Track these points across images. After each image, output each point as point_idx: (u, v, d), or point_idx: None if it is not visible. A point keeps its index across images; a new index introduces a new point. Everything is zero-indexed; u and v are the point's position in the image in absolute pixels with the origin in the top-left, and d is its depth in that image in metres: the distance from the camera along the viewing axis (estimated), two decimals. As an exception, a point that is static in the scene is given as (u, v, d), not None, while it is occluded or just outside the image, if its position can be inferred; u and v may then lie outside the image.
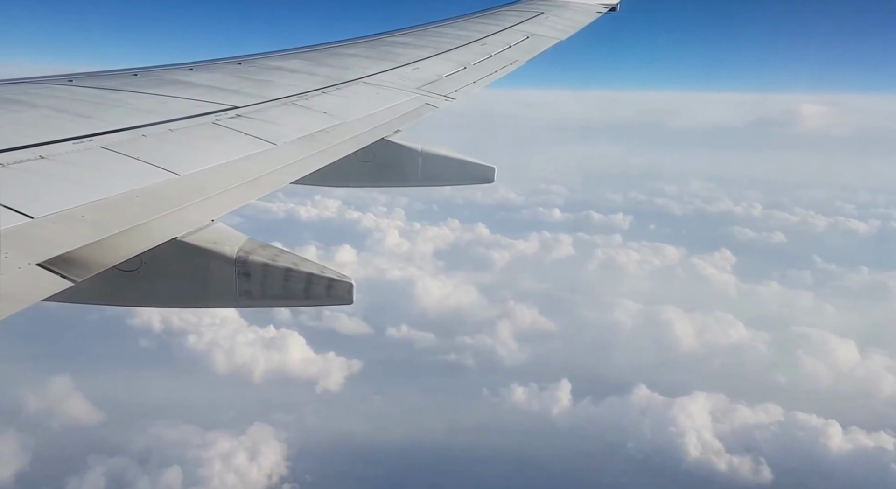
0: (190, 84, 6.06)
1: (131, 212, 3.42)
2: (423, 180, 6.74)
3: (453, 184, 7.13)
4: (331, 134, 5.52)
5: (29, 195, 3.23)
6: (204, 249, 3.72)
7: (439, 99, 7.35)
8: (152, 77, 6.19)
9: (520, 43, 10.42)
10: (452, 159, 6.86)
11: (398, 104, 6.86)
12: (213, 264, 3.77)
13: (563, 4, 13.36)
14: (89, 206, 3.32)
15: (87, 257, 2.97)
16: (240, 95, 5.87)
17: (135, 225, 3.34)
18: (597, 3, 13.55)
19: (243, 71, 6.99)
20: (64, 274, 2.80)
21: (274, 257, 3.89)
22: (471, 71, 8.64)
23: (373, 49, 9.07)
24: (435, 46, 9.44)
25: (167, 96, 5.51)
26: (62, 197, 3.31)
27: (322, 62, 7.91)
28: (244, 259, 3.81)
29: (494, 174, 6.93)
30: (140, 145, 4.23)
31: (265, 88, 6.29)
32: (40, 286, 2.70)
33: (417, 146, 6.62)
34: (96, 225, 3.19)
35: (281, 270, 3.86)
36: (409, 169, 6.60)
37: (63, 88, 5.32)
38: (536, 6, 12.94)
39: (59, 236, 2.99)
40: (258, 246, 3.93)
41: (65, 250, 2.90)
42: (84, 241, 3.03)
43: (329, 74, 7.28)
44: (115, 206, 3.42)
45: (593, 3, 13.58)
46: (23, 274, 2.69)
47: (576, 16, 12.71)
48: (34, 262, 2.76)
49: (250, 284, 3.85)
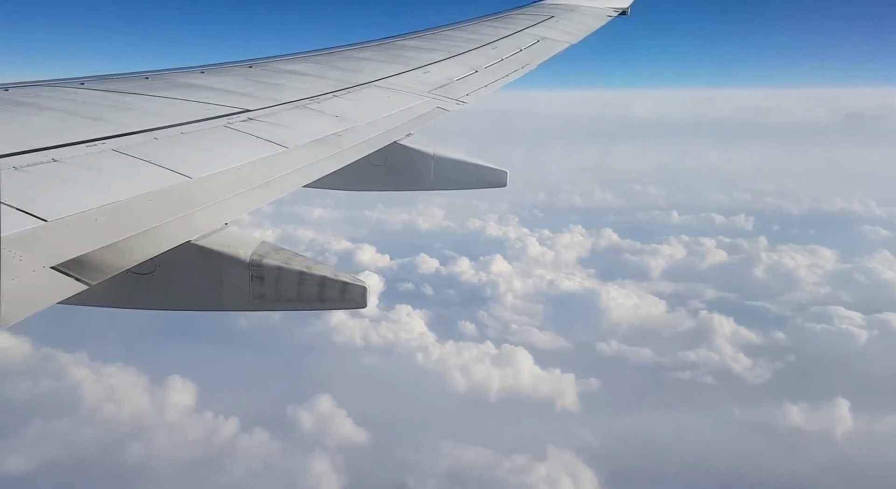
0: (202, 87, 6.05)
1: (144, 215, 3.40)
2: (436, 184, 6.72)
3: (465, 187, 7.10)
4: (343, 137, 5.49)
5: (42, 198, 3.21)
6: (217, 252, 3.70)
7: (451, 102, 7.33)
8: (164, 80, 6.18)
9: (531, 46, 10.39)
10: (465, 163, 6.84)
11: (410, 108, 6.83)
12: (226, 267, 3.75)
13: (574, 8, 13.33)
14: (102, 208, 3.30)
15: (101, 260, 2.95)
16: (251, 99, 5.86)
17: (148, 228, 3.32)
18: (607, 7, 13.52)
19: (255, 74, 6.98)
20: (78, 277, 2.78)
21: (287, 260, 3.87)
22: (482, 74, 8.61)
23: (384, 52, 9.06)
24: (446, 50, 9.42)
25: (179, 99, 5.50)
26: (75, 200, 3.29)
27: (333, 65, 7.90)
28: (258, 262, 3.79)
29: (507, 178, 6.91)
30: (152, 148, 4.22)
31: (277, 92, 6.27)
32: (55, 289, 2.68)
33: (430, 150, 6.60)
34: (110, 228, 3.17)
35: (295, 274, 3.83)
36: (421, 172, 6.58)
37: (75, 91, 5.31)
38: (547, 10, 12.92)
39: (72, 239, 2.97)
40: (272, 249, 3.91)
41: (79, 253, 2.88)
42: (98, 243, 3.01)
43: (340, 78, 7.26)
44: (128, 209, 3.40)
45: (604, 6, 13.55)
46: (37, 277, 2.66)
47: (586, 19, 12.67)
48: (48, 265, 2.74)
49: (264, 287, 3.83)
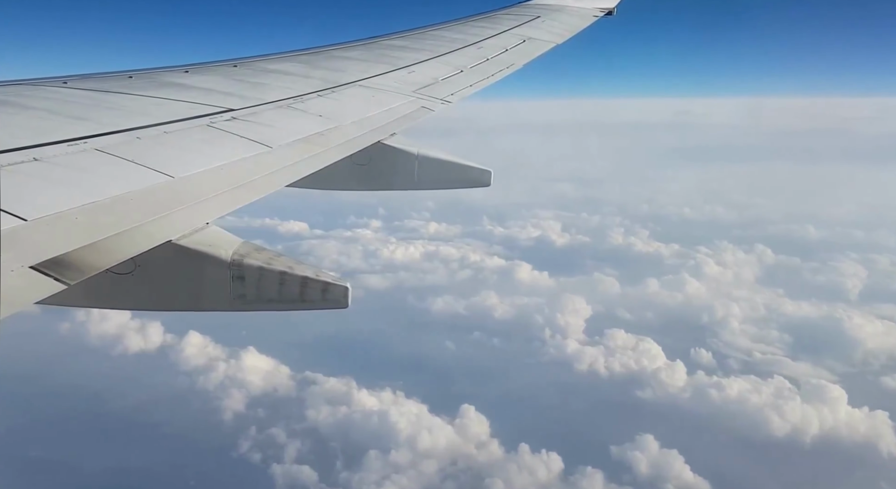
0: (185, 86, 6.04)
1: (125, 214, 3.40)
2: (420, 184, 6.73)
3: (449, 187, 7.12)
4: (326, 137, 5.50)
5: (22, 197, 3.20)
6: (198, 252, 3.70)
7: (436, 102, 7.34)
8: (147, 79, 6.16)
9: (516, 46, 10.43)
10: (449, 163, 6.85)
11: (394, 107, 6.85)
12: (207, 267, 3.75)
13: (560, 8, 13.38)
14: (83, 208, 3.29)
15: (80, 260, 2.95)
16: (235, 98, 5.85)
17: (129, 227, 3.32)
18: (593, 7, 13.57)
19: (239, 74, 6.97)
20: (57, 276, 2.78)
21: (269, 260, 3.87)
22: (467, 74, 8.63)
23: (369, 52, 9.06)
24: (431, 50, 9.43)
25: (162, 98, 5.49)
26: (56, 199, 3.29)
27: (318, 65, 7.90)
28: (239, 262, 3.79)
29: (491, 178, 6.93)
30: (134, 147, 4.21)
31: (261, 91, 6.27)
32: (33, 289, 2.68)
33: (414, 149, 6.61)
34: (90, 227, 3.17)
35: (276, 274, 3.84)
36: (405, 172, 6.59)
37: (57, 90, 5.29)
38: (533, 10, 12.96)
39: (52, 239, 2.97)
40: (253, 249, 3.91)
41: (58, 253, 2.88)
42: (78, 243, 3.01)
43: (325, 77, 7.26)
44: (109, 208, 3.40)
45: (590, 6, 13.60)
46: (16, 276, 2.67)
47: (572, 20, 12.72)
48: (27, 265, 2.74)
49: (245, 288, 3.83)
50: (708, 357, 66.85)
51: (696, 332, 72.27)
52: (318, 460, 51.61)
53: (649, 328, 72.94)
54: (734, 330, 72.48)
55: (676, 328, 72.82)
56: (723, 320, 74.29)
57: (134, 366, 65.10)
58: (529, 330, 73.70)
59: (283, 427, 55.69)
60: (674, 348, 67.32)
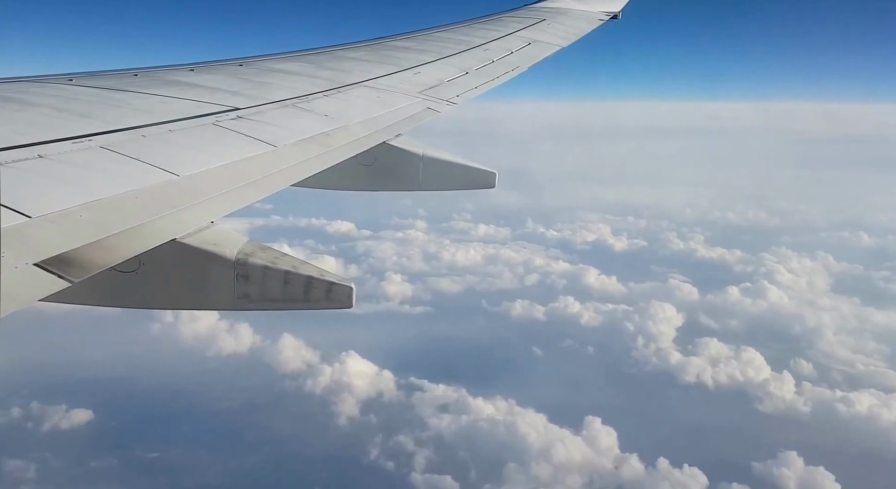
0: (191, 85, 6.03)
1: (130, 212, 3.39)
2: (424, 184, 6.72)
3: (454, 189, 7.10)
4: (331, 137, 5.49)
5: (27, 194, 3.19)
6: (203, 251, 3.68)
7: (441, 103, 7.33)
8: (153, 77, 6.15)
9: (521, 49, 10.41)
10: (454, 164, 6.84)
11: (399, 108, 6.83)
12: (212, 266, 3.73)
13: (565, 12, 13.37)
14: (88, 206, 3.28)
15: (84, 257, 2.94)
16: (241, 97, 5.84)
17: (133, 225, 3.30)
18: (599, 11, 13.56)
19: (244, 73, 6.96)
20: (61, 274, 2.76)
21: (274, 260, 3.85)
22: (473, 76, 8.62)
23: (374, 53, 9.05)
24: (437, 51, 9.42)
25: (168, 97, 5.48)
26: (60, 196, 3.28)
27: (323, 65, 7.89)
28: (243, 261, 3.77)
29: (495, 179, 6.91)
30: (140, 145, 4.20)
31: (266, 90, 6.26)
32: (37, 286, 2.66)
33: (419, 150, 6.59)
34: (94, 225, 3.15)
35: (280, 273, 3.82)
36: (410, 173, 6.57)
37: (63, 88, 5.28)
38: (538, 13, 12.95)
39: (56, 236, 2.95)
40: (258, 248, 3.89)
41: (62, 250, 2.87)
42: (82, 241, 2.99)
43: (330, 77, 7.25)
44: (113, 206, 3.38)
45: (595, 10, 13.59)
46: (20, 273, 2.65)
47: (577, 23, 12.71)
48: (31, 262, 2.73)
49: (249, 287, 3.81)
50: (809, 368, 65.31)
51: (790, 342, 70.67)
52: (453, 470, 50.24)
53: (738, 337, 71.15)
54: (830, 340, 70.80)
55: (768, 338, 71.09)
56: (816, 330, 72.72)
57: (230, 367, 63.90)
58: (621, 338, 71.73)
59: (409, 434, 54.55)
60: (772, 359, 65.54)
